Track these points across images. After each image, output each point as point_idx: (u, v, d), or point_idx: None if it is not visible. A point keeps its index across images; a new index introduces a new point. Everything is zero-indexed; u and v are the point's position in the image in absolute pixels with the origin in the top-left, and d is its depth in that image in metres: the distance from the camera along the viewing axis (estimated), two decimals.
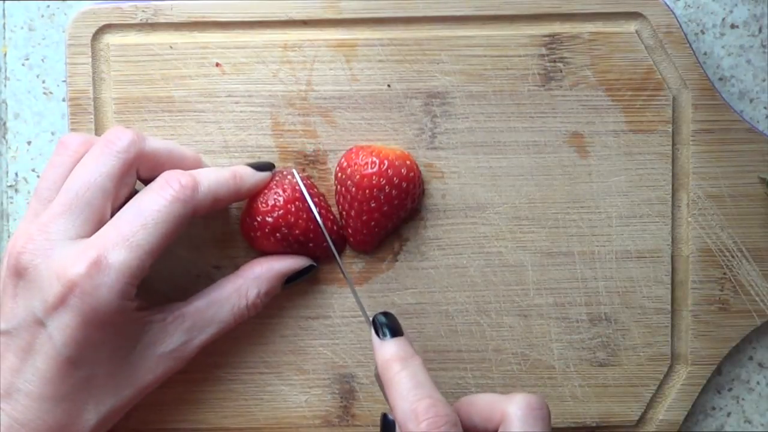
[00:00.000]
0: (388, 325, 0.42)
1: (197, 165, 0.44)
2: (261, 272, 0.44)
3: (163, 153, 0.42)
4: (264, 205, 0.44)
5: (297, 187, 0.45)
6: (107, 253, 0.38)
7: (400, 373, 0.39)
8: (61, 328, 0.38)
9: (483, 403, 0.39)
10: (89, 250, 0.38)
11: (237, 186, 0.43)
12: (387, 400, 0.39)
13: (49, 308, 0.38)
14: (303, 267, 0.45)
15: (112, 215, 0.40)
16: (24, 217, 0.42)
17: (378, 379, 0.41)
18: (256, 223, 0.44)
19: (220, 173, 0.42)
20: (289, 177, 0.45)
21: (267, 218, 0.44)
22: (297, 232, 0.44)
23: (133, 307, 0.40)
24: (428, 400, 0.37)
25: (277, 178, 0.45)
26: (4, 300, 0.40)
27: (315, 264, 0.45)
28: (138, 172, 0.42)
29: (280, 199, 0.44)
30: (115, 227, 0.39)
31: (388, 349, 0.40)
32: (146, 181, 0.42)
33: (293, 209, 0.44)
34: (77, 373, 0.39)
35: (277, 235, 0.44)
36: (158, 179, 0.41)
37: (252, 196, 0.44)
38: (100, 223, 0.40)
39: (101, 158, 0.40)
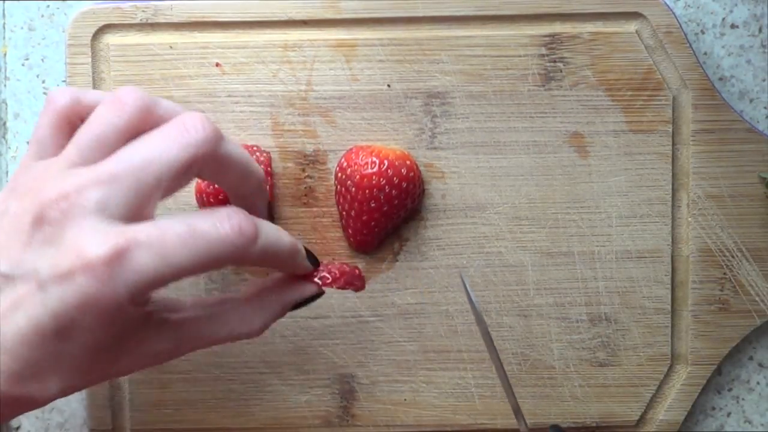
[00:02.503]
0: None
1: (260, 187, 0.42)
2: (269, 304, 0.42)
3: (234, 162, 0.39)
4: None
5: (262, 166, 0.45)
6: (137, 250, 0.34)
7: None
8: (58, 300, 0.35)
9: None
10: (120, 236, 0.34)
11: (292, 258, 0.40)
12: None
13: (55, 276, 0.35)
14: (313, 294, 0.43)
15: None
16: (54, 160, 0.37)
17: None
18: (212, 187, 0.45)
19: (282, 237, 0.39)
20: (257, 154, 0.45)
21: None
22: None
23: (136, 312, 0.37)
24: None
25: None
26: (14, 240, 0.36)
27: (323, 291, 0.43)
28: (199, 172, 0.38)
29: None
30: (159, 229, 0.35)
31: None
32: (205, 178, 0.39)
33: None
34: (55, 345, 0.36)
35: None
36: (222, 211, 0.37)
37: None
38: (139, 212, 0.36)
39: (171, 143, 0.36)
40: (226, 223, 0.36)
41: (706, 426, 0.50)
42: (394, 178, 0.45)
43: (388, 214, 0.45)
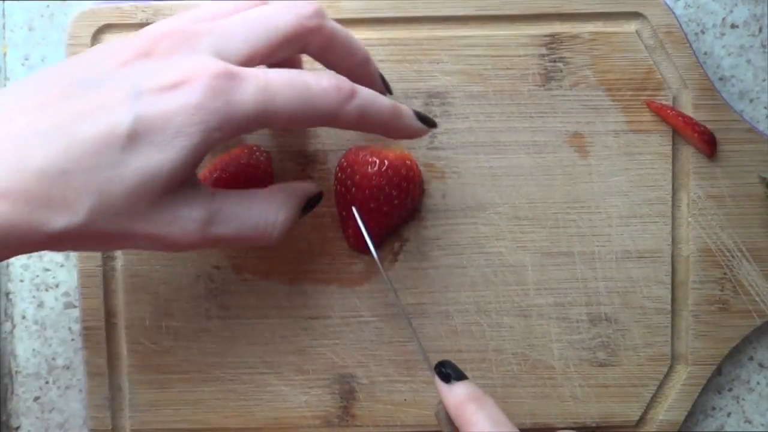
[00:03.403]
0: (453, 369, 0.42)
1: (365, 65, 0.42)
2: (286, 198, 0.41)
3: (339, 38, 0.40)
4: (225, 173, 0.44)
5: (262, 166, 0.45)
6: (246, 80, 0.35)
7: (477, 413, 0.40)
8: (150, 106, 0.34)
9: None
10: (231, 67, 0.35)
11: (395, 118, 0.40)
12: None
13: (156, 88, 0.34)
14: (315, 193, 0.43)
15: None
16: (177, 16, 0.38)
17: (439, 417, 0.42)
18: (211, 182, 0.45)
19: (380, 98, 0.39)
20: (257, 153, 0.45)
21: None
22: None
23: (206, 146, 0.36)
24: None
25: (245, 151, 0.45)
26: (110, 61, 0.36)
27: (321, 191, 0.43)
28: (307, 47, 0.39)
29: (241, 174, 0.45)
30: (265, 72, 0.36)
31: (459, 391, 0.41)
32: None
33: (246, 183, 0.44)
34: (114, 155, 0.34)
35: None
36: (324, 72, 0.38)
37: (222, 159, 0.44)
38: (247, 59, 0.37)
39: (285, 11, 0.38)
40: (325, 80, 0.37)
41: (706, 426, 0.50)
42: (394, 178, 0.45)
43: (388, 214, 0.45)
